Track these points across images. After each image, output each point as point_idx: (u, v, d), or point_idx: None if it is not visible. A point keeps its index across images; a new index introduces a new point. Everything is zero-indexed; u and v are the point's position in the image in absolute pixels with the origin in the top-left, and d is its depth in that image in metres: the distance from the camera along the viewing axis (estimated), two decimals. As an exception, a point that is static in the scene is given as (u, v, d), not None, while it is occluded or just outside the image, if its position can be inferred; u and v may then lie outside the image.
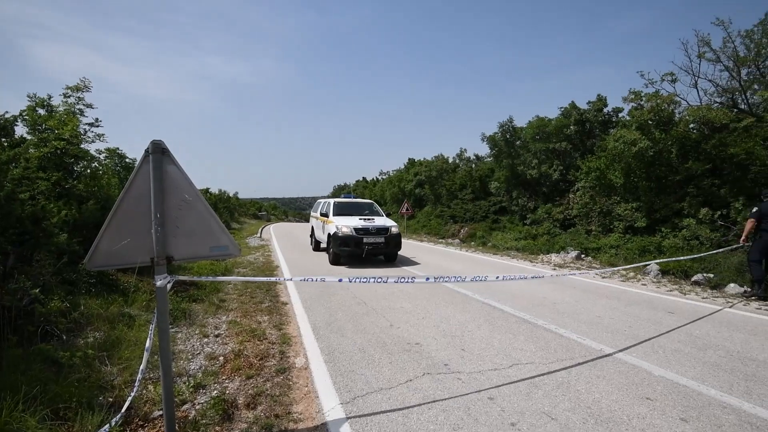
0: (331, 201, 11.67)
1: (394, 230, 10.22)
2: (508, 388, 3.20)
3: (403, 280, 3.69)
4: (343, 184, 59.60)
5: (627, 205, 11.82)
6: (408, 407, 2.87)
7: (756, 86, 12.20)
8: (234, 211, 34.91)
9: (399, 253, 11.01)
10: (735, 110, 12.01)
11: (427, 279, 3.60)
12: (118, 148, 8.94)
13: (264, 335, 4.46)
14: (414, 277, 3.78)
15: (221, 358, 3.83)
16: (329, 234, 10.09)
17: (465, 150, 28.12)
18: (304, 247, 14.13)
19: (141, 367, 2.57)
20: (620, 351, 4.09)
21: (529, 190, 18.32)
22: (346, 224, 9.79)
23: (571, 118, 17.09)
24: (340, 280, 3.31)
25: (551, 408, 2.88)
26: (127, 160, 9.09)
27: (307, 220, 18.95)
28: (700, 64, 12.61)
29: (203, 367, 3.60)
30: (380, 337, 4.40)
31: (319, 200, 13.59)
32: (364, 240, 9.63)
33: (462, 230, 19.21)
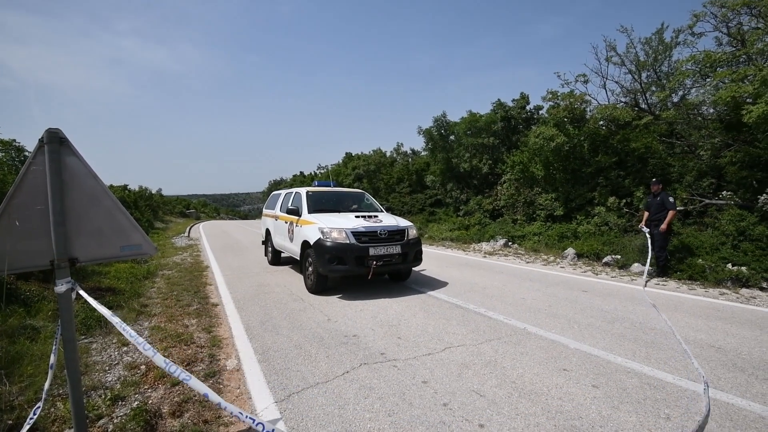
0: (302, 191, 7.52)
1: (413, 233, 6.47)
2: (441, 370, 3.34)
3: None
4: (279, 179, 57.76)
5: (547, 196, 12.82)
6: (344, 399, 2.88)
7: (654, 88, 13.80)
8: (158, 210, 32.32)
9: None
10: (636, 109, 13.50)
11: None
12: (14, 140, 7.85)
13: (192, 339, 4.19)
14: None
15: (143, 366, 3.54)
16: (307, 242, 6.29)
17: (402, 144, 28.69)
18: (239, 247, 13.48)
19: (46, 383, 2.29)
20: (541, 328, 4.45)
21: (462, 183, 19.13)
22: (338, 226, 6.01)
23: (498, 114, 18.12)
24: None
25: (480, 386, 3.06)
26: (26, 153, 8.01)
27: (246, 218, 17.14)
28: (608, 67, 14.00)
29: (122, 378, 3.30)
30: (317, 332, 4.35)
31: (277, 192, 9.54)
32: (371, 251, 5.82)
33: (400, 223, 19.57)
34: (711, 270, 7.06)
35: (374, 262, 5.79)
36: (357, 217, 6.54)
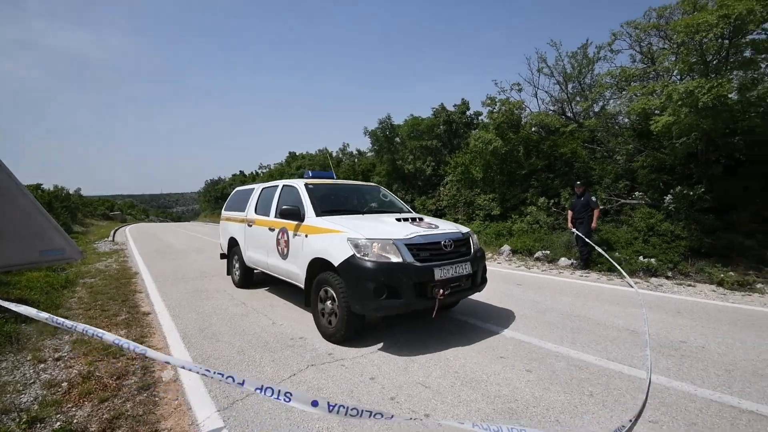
0: (298, 185, 5.30)
1: (476, 241, 4.66)
2: (388, 366, 3.41)
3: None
4: (217, 179, 54.93)
5: (486, 196, 13.51)
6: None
7: (578, 98, 15.08)
8: (77, 212, 29.30)
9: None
10: (564, 117, 14.66)
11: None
12: None
13: (121, 351, 3.87)
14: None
15: (65, 384, 3.21)
16: (324, 262, 4.20)
17: (348, 144, 28.61)
18: (172, 251, 12.65)
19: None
20: (480, 320, 4.69)
21: (407, 184, 19.53)
22: (382, 235, 3.90)
23: (441, 118, 18.75)
24: None
25: (425, 378, 3.17)
26: None
27: (180, 220, 15.01)
28: (539, 78, 15.02)
29: (40, 398, 2.98)
30: (262, 337, 4.23)
31: (245, 188, 7.19)
32: (437, 273, 3.82)
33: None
34: (626, 262, 7.87)
35: (441, 291, 3.71)
36: (399, 220, 4.41)
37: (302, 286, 4.62)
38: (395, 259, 3.71)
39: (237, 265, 6.78)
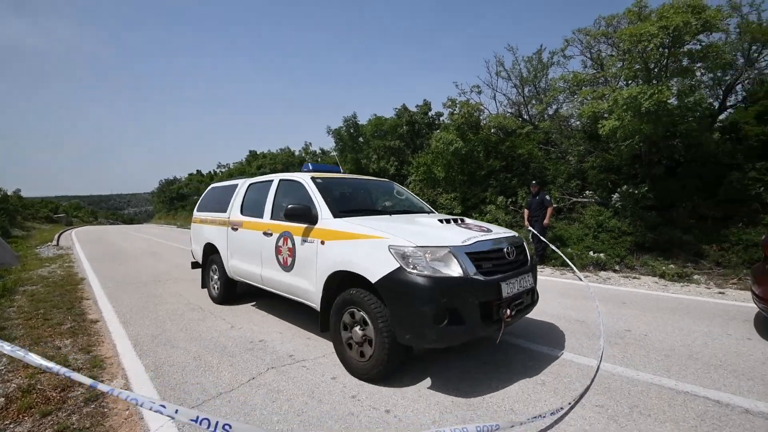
0: (303, 179, 4.33)
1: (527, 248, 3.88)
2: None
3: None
4: (172, 178, 52.56)
5: (448, 195, 13.79)
6: (251, 405, 2.78)
7: (534, 101, 15.73)
8: (15, 215, 27.09)
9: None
10: (521, 119, 15.24)
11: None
12: None
13: (66, 362, 3.64)
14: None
15: (1, 399, 2.98)
16: (354, 277, 3.27)
17: (310, 144, 28.24)
18: (123, 255, 11.99)
19: None
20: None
21: (370, 184, 19.58)
22: (437, 241, 3.02)
23: (403, 119, 18.95)
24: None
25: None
26: None
27: (132, 222, 13.30)
28: (497, 81, 15.53)
29: (-32, 417, 2.74)
30: (219, 341, 4.10)
31: (226, 183, 6.07)
32: (504, 289, 3.05)
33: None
34: (578, 257, 8.31)
35: (508, 312, 3.02)
36: (442, 222, 3.65)
37: (314, 306, 3.71)
38: (455, 272, 2.85)
39: (216, 277, 5.63)
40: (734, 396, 2.83)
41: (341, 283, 3.43)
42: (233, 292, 5.58)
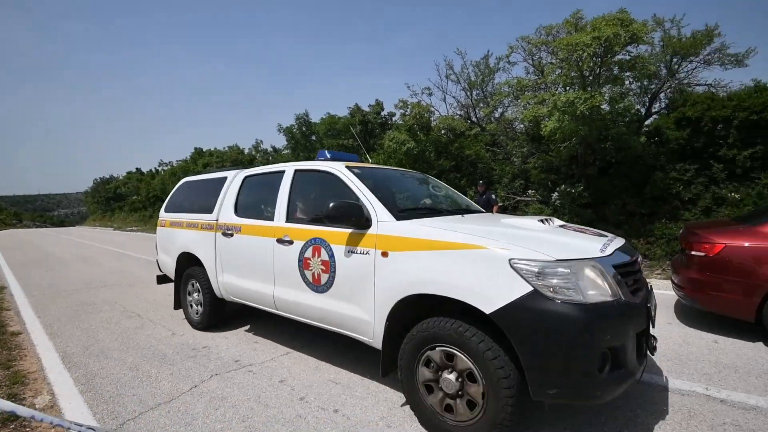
0: (338, 170, 3.24)
1: None
2: (299, 367, 3.36)
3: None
4: (108, 177, 48.80)
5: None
6: (192, 414, 2.65)
7: (481, 104, 16.34)
8: None
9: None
10: (469, 121, 15.77)
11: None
12: None
13: (-23, 380, 3.27)
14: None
15: None
16: (451, 300, 2.28)
17: (261, 141, 27.41)
18: (51, 261, 10.97)
19: None
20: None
21: (323, 184, 19.39)
22: (575, 252, 2.20)
23: (356, 118, 18.95)
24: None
25: (335, 375, 3.19)
26: None
27: (63, 224, 11.29)
28: (447, 84, 15.97)
29: None
30: (159, 350, 3.88)
31: (218, 175, 4.69)
32: (653, 312, 2.52)
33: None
34: (522, 254, 8.75)
35: (656, 342, 2.54)
36: (543, 222, 2.89)
37: (366, 340, 2.76)
38: (608, 295, 2.09)
39: (196, 296, 4.49)
40: (654, 375, 3.12)
41: (418, 310, 2.54)
42: (221, 314, 4.43)
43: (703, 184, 10.16)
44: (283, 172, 3.69)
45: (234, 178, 4.27)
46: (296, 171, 3.59)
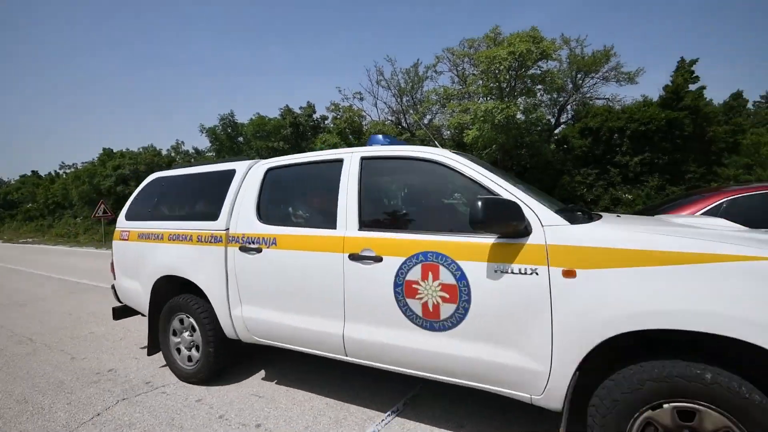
0: (447, 158, 2.33)
1: None
2: (218, 383, 3.18)
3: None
4: (-2, 182, 42.36)
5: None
6: (92, 447, 2.39)
7: (411, 111, 16.87)
8: None
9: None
10: (400, 126, 16.19)
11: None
12: None
13: None
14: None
15: None
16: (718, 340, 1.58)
17: (182, 142, 25.65)
18: None
19: None
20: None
21: (252, 188, 18.65)
22: None
23: (287, 120, 18.51)
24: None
25: (258, 388, 3.07)
26: None
27: None
28: (378, 89, 16.26)
29: None
30: (55, 377, 3.44)
31: (218, 167, 3.39)
32: None
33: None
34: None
35: None
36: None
37: (541, 400, 1.96)
38: None
39: (189, 337, 3.25)
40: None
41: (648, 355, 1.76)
42: (228, 360, 3.26)
43: (602, 187, 11.47)
44: (340, 161, 2.68)
45: (249, 172, 3.12)
46: (363, 159, 2.60)
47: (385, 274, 2.27)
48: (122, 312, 3.95)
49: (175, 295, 3.34)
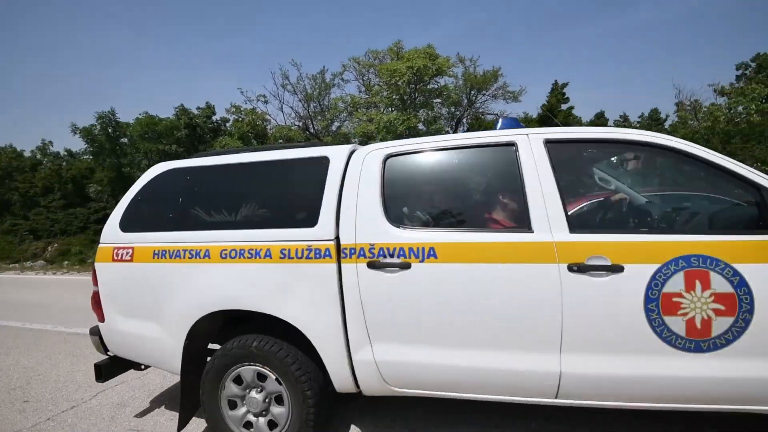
0: (671, 140, 1.91)
1: None
2: (88, 420, 2.77)
3: None
4: None
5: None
6: None
7: (319, 117, 16.75)
8: None
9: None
10: (307, 132, 15.96)
11: None
12: None
13: None
14: None
15: None
16: None
17: (51, 143, 22.00)
18: None
19: None
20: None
21: (140, 194, 16.73)
22: None
23: (183, 121, 17.02)
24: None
25: (137, 423, 2.75)
26: None
27: None
28: (284, 94, 15.82)
29: None
30: None
31: (301, 152, 2.41)
32: None
33: (49, 248, 14.95)
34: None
35: None
36: None
37: None
38: None
39: (267, 403, 2.26)
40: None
41: None
42: (327, 420, 2.40)
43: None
44: (509, 144, 2.08)
45: (354, 160, 2.27)
46: (548, 142, 2.04)
47: (630, 287, 1.78)
48: (110, 369, 2.70)
49: (231, 341, 2.26)
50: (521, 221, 1.95)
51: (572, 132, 2.13)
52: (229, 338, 2.29)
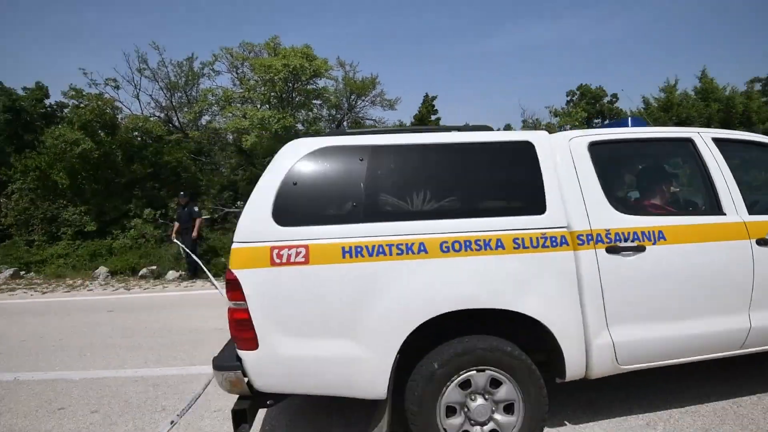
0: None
1: None
2: None
3: None
4: None
5: (75, 209, 11.05)
6: None
7: (185, 109, 15.12)
8: None
9: None
10: (170, 125, 14.27)
11: None
12: None
13: None
14: None
15: None
16: None
17: None
18: None
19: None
20: (39, 371, 3.71)
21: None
22: None
23: (1, 102, 13.64)
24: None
25: None
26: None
27: None
28: (141, 79, 13.87)
29: None
30: None
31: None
32: None
33: None
34: (229, 266, 8.64)
35: None
36: None
37: None
38: None
39: (488, 402, 1.99)
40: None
41: None
42: None
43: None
44: (687, 140, 2.44)
45: (557, 146, 2.26)
46: (716, 140, 2.46)
47: None
48: (252, 411, 2.02)
49: (450, 348, 1.95)
50: (710, 207, 2.36)
51: (732, 134, 2.63)
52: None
